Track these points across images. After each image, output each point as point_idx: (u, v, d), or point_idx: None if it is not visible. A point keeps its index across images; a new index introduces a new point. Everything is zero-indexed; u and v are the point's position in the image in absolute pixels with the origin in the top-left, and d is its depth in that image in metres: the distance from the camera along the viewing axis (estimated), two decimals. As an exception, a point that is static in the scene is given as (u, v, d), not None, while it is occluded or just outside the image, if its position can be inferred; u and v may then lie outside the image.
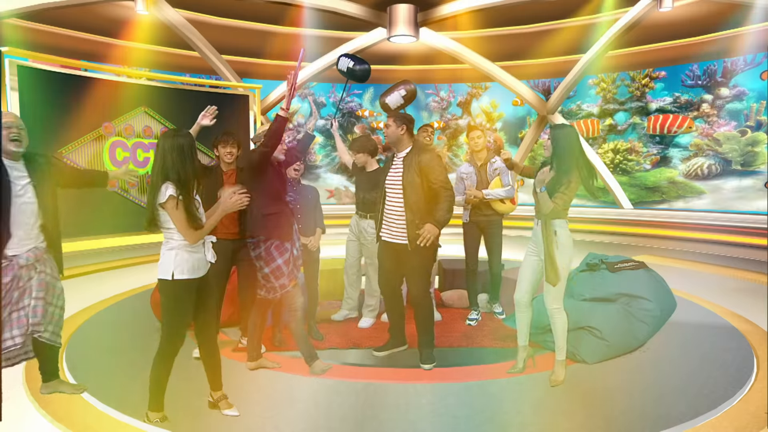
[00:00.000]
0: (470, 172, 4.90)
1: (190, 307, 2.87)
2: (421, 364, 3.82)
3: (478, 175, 4.84)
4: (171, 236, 2.79)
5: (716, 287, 6.37)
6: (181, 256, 2.77)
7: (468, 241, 4.94)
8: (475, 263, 4.95)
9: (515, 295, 3.73)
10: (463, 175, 4.95)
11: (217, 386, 3.15)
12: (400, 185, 3.74)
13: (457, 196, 4.90)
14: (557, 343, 3.60)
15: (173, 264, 2.76)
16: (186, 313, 2.86)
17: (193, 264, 2.81)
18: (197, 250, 2.83)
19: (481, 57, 10.88)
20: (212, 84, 9.92)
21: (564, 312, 3.55)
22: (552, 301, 3.52)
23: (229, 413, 3.11)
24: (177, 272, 2.76)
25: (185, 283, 2.79)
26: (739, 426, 3.00)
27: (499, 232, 4.90)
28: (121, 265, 7.28)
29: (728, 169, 11.04)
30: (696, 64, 11.28)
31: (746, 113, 10.82)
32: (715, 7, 8.63)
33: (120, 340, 4.33)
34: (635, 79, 12.26)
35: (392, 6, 9.25)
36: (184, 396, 3.30)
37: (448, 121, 14.39)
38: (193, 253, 2.80)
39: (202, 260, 2.86)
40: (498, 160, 4.83)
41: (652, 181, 12.02)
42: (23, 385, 3.50)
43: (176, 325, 2.87)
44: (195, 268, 2.82)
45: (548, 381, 3.55)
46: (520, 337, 3.78)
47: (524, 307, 3.70)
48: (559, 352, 3.60)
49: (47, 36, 9.62)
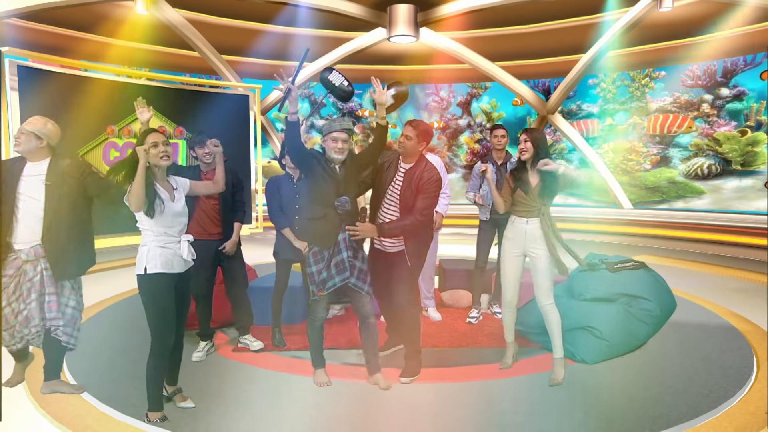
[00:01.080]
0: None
1: (169, 302, 2.92)
2: (401, 377, 3.60)
3: (498, 173, 4.83)
4: (144, 234, 2.91)
5: (716, 287, 6.37)
6: (153, 252, 2.85)
7: (483, 238, 4.94)
8: (485, 262, 4.96)
9: (507, 297, 3.77)
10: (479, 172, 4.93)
11: (174, 381, 3.26)
12: (398, 197, 3.60)
13: (470, 191, 4.92)
14: (554, 342, 3.63)
15: (146, 259, 2.85)
16: (165, 308, 2.91)
17: (166, 259, 2.87)
18: (169, 247, 2.89)
19: (481, 57, 10.89)
20: (212, 84, 9.92)
21: (557, 308, 3.63)
22: (545, 297, 3.60)
23: (185, 405, 3.18)
24: (150, 266, 2.84)
25: (159, 278, 2.86)
26: (739, 426, 3.00)
27: None
28: (121, 265, 7.28)
29: (728, 169, 11.04)
30: (696, 64, 11.28)
31: (746, 113, 10.82)
32: (715, 7, 8.63)
33: (120, 340, 4.32)
34: (635, 79, 12.26)
35: (392, 6, 9.25)
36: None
37: (448, 121, 14.38)
38: (164, 249, 2.88)
39: (176, 257, 2.92)
40: (516, 159, 4.85)
41: (652, 181, 12.02)
42: (23, 385, 3.50)
43: (157, 321, 2.91)
44: (168, 264, 2.88)
45: (548, 381, 3.55)
46: (507, 334, 3.88)
47: (514, 307, 3.79)
48: (557, 350, 3.63)
49: (47, 36, 9.63)
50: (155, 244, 2.87)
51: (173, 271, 2.92)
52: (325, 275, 3.34)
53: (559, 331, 3.61)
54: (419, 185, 3.52)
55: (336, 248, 3.34)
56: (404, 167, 3.64)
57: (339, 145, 3.31)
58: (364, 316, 3.48)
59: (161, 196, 2.88)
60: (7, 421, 3.04)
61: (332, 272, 3.33)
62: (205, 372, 3.75)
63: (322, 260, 3.36)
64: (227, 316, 4.69)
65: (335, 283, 3.33)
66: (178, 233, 2.95)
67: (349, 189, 3.36)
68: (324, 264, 3.34)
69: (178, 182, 3.06)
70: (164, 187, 2.94)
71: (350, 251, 3.36)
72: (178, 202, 2.96)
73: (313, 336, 3.55)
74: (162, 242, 2.88)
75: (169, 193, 2.95)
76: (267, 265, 6.31)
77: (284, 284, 4.34)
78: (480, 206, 4.88)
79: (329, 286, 3.33)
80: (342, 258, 3.34)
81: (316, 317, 3.49)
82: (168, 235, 2.91)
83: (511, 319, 3.84)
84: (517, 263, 3.69)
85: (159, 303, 2.88)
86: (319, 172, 3.34)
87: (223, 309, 4.66)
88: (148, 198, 2.80)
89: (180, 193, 3.01)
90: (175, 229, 2.93)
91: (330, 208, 3.31)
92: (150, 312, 2.90)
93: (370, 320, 3.48)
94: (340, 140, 3.31)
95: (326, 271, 3.33)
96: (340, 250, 3.34)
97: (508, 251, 3.70)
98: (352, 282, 3.36)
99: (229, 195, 4.02)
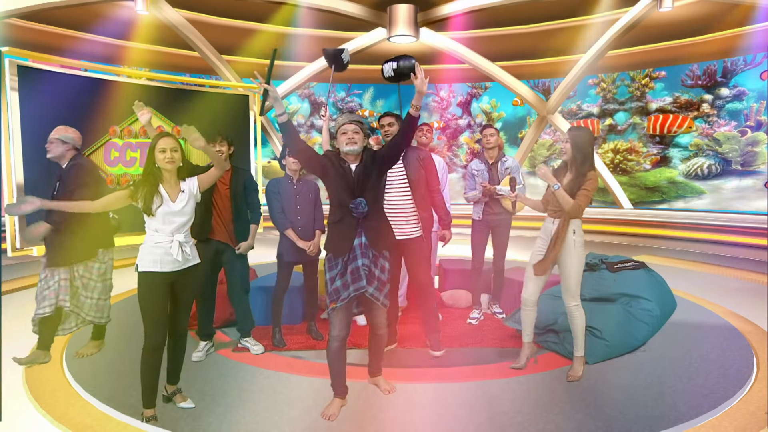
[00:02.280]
0: (482, 170, 4.87)
1: (160, 300, 2.97)
2: (433, 351, 4.04)
3: (490, 172, 4.83)
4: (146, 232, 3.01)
5: (716, 287, 6.37)
6: (146, 250, 2.95)
7: (477, 238, 4.93)
8: (482, 262, 4.96)
9: (524, 294, 3.77)
10: (474, 171, 4.92)
11: (174, 380, 3.28)
12: (405, 182, 3.91)
13: (468, 191, 4.92)
14: (576, 341, 3.67)
15: (139, 257, 2.97)
16: (155, 305, 2.96)
17: (156, 257, 2.93)
18: (160, 245, 2.94)
19: (481, 57, 10.89)
20: (212, 84, 9.91)
21: (582, 309, 3.64)
22: (571, 298, 3.61)
23: (185, 405, 3.19)
24: (141, 264, 2.95)
25: (149, 275, 2.93)
26: (739, 426, 3.00)
27: (507, 231, 4.90)
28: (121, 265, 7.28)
29: (728, 169, 11.04)
30: (696, 64, 11.28)
31: (746, 113, 10.82)
32: (715, 7, 8.63)
33: (119, 340, 4.33)
34: (635, 79, 12.26)
35: (392, 6, 9.25)
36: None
37: (448, 121, 14.38)
38: (155, 247, 2.94)
39: (167, 255, 2.94)
40: (509, 158, 4.89)
41: (652, 181, 12.03)
42: (23, 385, 3.51)
43: (148, 317, 2.96)
44: (157, 262, 2.93)
45: (549, 381, 3.56)
46: (525, 334, 3.84)
47: (532, 306, 3.76)
48: (578, 348, 3.67)
49: (47, 36, 9.63)
50: (148, 242, 2.96)
51: (163, 270, 2.94)
52: (339, 284, 3.03)
53: (583, 332, 3.66)
54: (425, 165, 3.90)
55: (351, 255, 3.04)
56: None
57: (349, 135, 3.06)
58: (375, 327, 3.30)
59: (163, 196, 2.94)
60: (7, 421, 3.04)
61: (347, 281, 3.02)
62: (205, 372, 3.75)
63: (336, 267, 3.07)
64: (228, 316, 4.70)
65: (349, 294, 3.00)
66: (170, 232, 2.95)
67: (366, 190, 3.06)
68: (338, 272, 3.05)
69: (188, 184, 3.06)
70: (170, 188, 2.97)
71: (368, 258, 3.05)
72: (179, 203, 2.98)
73: (330, 358, 3.16)
74: (154, 241, 2.94)
75: (173, 194, 2.97)
76: (267, 265, 6.31)
77: (285, 285, 4.34)
78: (476, 203, 4.88)
79: (343, 297, 3.01)
80: (357, 266, 3.02)
81: (332, 334, 3.10)
82: (160, 234, 2.94)
83: (530, 319, 3.79)
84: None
85: (147, 300, 2.95)
86: (332, 174, 3.06)
87: (224, 309, 4.66)
88: (148, 198, 2.88)
89: (186, 195, 3.01)
90: (167, 228, 2.94)
91: (345, 212, 3.04)
92: (141, 308, 2.98)
93: (381, 331, 3.32)
94: (350, 131, 3.07)
95: (340, 279, 3.03)
96: (356, 257, 3.03)
97: (536, 250, 3.70)
98: (369, 292, 3.06)
99: (241, 197, 4.04)
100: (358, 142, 3.06)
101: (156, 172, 2.95)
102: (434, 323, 4.07)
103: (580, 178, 3.47)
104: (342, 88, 14.65)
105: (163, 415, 3.07)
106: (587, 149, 3.49)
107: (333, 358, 3.15)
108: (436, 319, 4.10)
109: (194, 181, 3.09)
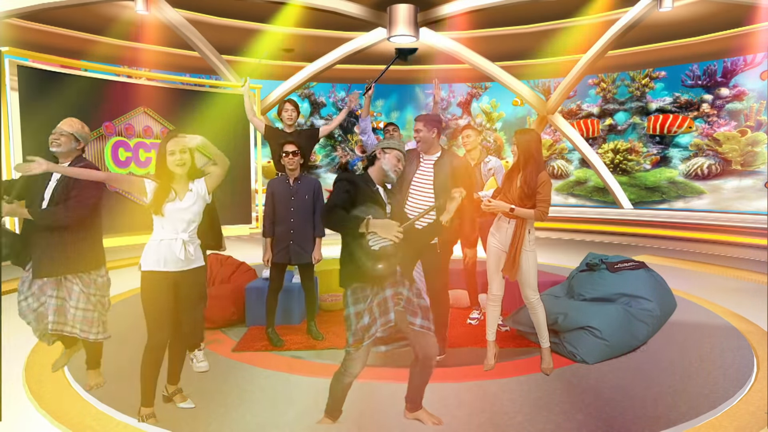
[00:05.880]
0: None
1: (162, 299, 2.95)
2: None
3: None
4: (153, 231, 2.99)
5: (716, 287, 6.37)
6: (151, 248, 2.94)
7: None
8: (474, 260, 4.94)
9: (494, 291, 3.80)
10: None
11: (174, 380, 3.25)
12: (431, 188, 3.80)
13: None
14: (541, 334, 3.76)
15: (143, 256, 2.95)
16: (158, 304, 2.94)
17: (159, 257, 2.92)
18: (164, 243, 2.93)
19: (481, 57, 10.89)
20: (212, 84, 9.92)
21: (542, 302, 3.76)
22: (532, 293, 3.70)
23: (185, 405, 3.19)
24: (144, 263, 2.94)
25: (152, 274, 2.92)
26: (739, 426, 3.00)
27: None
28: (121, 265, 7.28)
29: (728, 169, 11.05)
30: (696, 64, 11.29)
31: (746, 113, 10.83)
32: (715, 7, 8.64)
33: (120, 340, 4.32)
34: (635, 79, 12.27)
35: (392, 6, 9.25)
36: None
37: (448, 121, 14.39)
38: (159, 246, 2.93)
39: (170, 254, 2.93)
40: (492, 159, 4.80)
41: (652, 181, 12.03)
42: (23, 385, 3.51)
43: (150, 316, 2.96)
44: (161, 261, 2.92)
45: (549, 381, 3.56)
46: (489, 332, 3.86)
47: (499, 302, 3.83)
48: (544, 340, 3.77)
49: (47, 36, 9.64)
50: (154, 239, 2.94)
51: (166, 269, 2.93)
52: (367, 321, 2.63)
53: (545, 324, 3.76)
54: (455, 173, 3.75)
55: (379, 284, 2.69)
56: (429, 159, 3.85)
57: (401, 165, 2.86)
58: (425, 358, 2.83)
59: (170, 195, 2.93)
60: (7, 421, 3.04)
61: (375, 315, 2.64)
62: (205, 372, 3.75)
63: (364, 300, 2.68)
64: (228, 315, 4.70)
65: (377, 330, 2.62)
66: (173, 231, 2.93)
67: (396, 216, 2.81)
68: (365, 305, 2.67)
69: (196, 185, 3.03)
70: (179, 187, 2.96)
71: (402, 285, 2.77)
72: (186, 201, 2.95)
73: (336, 389, 2.92)
74: (159, 237, 2.93)
75: (182, 192, 2.96)
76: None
77: (278, 284, 4.32)
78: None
79: (372, 333, 2.63)
80: (385, 296, 2.67)
81: (346, 372, 2.80)
82: (165, 230, 2.92)
83: (494, 316, 3.83)
84: (502, 258, 3.73)
85: (149, 298, 2.95)
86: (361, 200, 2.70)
87: (224, 309, 4.66)
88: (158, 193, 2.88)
89: (194, 194, 2.98)
90: (170, 227, 2.92)
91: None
92: (143, 307, 2.98)
93: (431, 362, 2.85)
94: (403, 159, 2.88)
95: (368, 315, 2.64)
96: (384, 287, 2.70)
97: (492, 247, 3.77)
98: (418, 324, 2.74)
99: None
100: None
101: (168, 173, 2.93)
102: (443, 332, 3.90)
103: (529, 180, 3.55)
104: (342, 88, 14.66)
105: (163, 415, 3.06)
106: (531, 151, 3.58)
107: (339, 389, 2.91)
108: (445, 328, 3.95)
109: (201, 182, 3.07)
